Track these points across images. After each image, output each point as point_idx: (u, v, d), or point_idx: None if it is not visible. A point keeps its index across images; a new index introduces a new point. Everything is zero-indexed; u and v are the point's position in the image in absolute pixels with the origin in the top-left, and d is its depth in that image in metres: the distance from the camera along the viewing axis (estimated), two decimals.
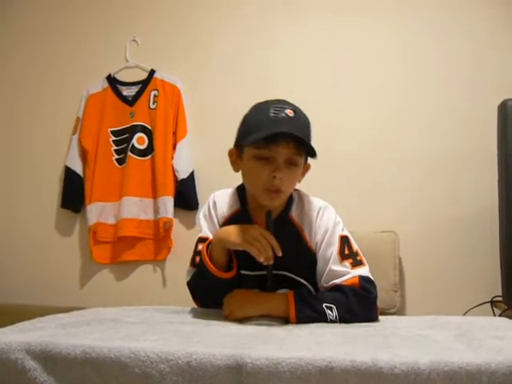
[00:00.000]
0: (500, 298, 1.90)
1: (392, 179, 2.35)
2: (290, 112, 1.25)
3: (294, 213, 1.37)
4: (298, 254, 1.34)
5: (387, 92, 2.40)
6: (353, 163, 2.37)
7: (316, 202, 1.39)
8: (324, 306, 1.21)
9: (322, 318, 1.19)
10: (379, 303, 1.28)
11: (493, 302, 2.01)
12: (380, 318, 1.30)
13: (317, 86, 2.45)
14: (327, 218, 1.35)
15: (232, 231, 1.27)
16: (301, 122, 1.27)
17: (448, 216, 2.28)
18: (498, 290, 1.83)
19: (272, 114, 1.24)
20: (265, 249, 1.22)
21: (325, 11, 2.49)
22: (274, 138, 1.23)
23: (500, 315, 1.90)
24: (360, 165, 2.37)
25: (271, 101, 1.30)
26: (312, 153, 1.28)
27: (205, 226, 1.41)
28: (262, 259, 1.23)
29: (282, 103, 1.28)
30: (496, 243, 1.83)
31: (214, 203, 1.42)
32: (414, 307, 2.23)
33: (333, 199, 1.42)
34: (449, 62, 2.36)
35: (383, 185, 2.35)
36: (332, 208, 1.39)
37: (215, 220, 1.40)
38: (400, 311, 2.14)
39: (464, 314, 1.97)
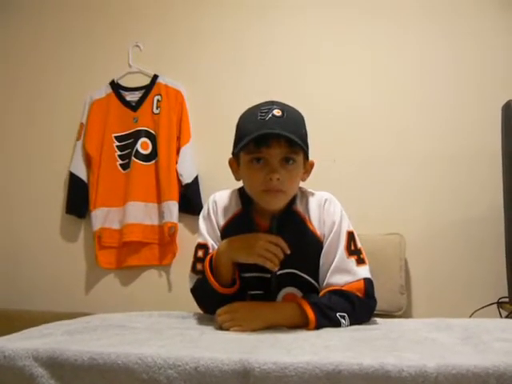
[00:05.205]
0: (506, 300, 1.90)
1: (397, 181, 2.34)
2: (277, 112, 1.23)
3: (299, 205, 1.35)
4: (303, 245, 1.31)
5: (391, 93, 2.40)
6: (358, 165, 2.37)
7: (320, 194, 1.38)
8: (338, 315, 1.20)
9: (336, 327, 1.20)
10: (385, 306, 1.28)
11: (499, 304, 2.00)
12: (386, 320, 1.31)
13: (323, 89, 2.44)
14: (333, 211, 1.33)
15: (239, 246, 1.26)
16: (290, 120, 1.24)
17: (453, 218, 2.27)
18: (504, 292, 1.83)
19: (259, 117, 1.23)
20: (277, 257, 1.23)
21: (332, 13, 2.49)
22: (263, 139, 1.22)
23: (506, 317, 1.89)
24: (365, 167, 2.36)
25: (260, 104, 1.29)
26: (304, 149, 1.26)
27: (204, 230, 1.38)
28: (276, 268, 1.24)
29: (270, 104, 1.26)
30: (502, 244, 1.82)
31: (215, 204, 1.39)
32: (421, 309, 2.22)
33: (338, 201, 1.40)
34: (453, 62, 2.35)
35: (389, 187, 2.34)
36: (337, 201, 1.37)
37: (214, 222, 1.37)
38: (406, 313, 2.13)
39: (470, 316, 1.96)
